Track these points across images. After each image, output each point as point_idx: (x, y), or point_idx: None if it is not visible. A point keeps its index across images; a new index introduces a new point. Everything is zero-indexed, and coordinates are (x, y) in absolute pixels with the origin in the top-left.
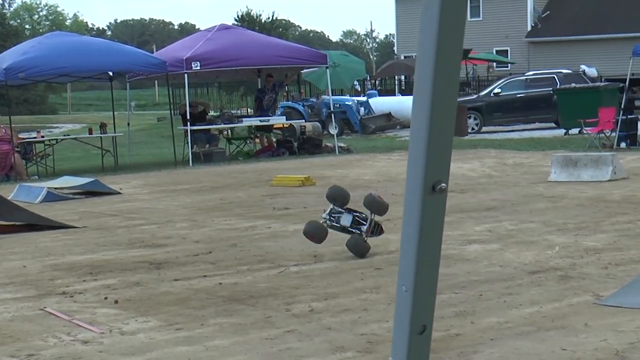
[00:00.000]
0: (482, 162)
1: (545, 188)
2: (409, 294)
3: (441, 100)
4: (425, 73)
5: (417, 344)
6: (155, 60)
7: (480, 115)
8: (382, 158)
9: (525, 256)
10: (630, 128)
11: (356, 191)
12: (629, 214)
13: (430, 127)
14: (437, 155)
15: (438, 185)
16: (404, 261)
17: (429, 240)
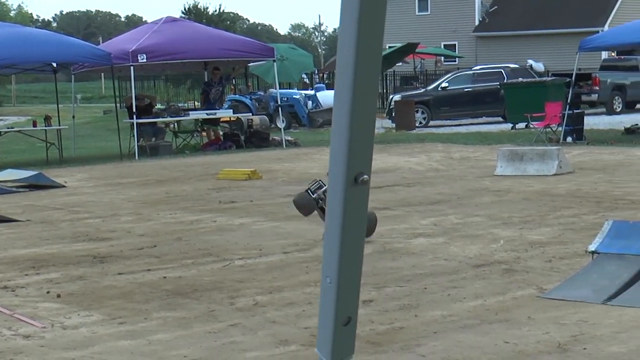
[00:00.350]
0: (429, 156)
1: (491, 182)
2: (333, 286)
3: (362, 93)
4: (346, 65)
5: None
6: (99, 52)
7: (428, 110)
8: (329, 151)
9: (470, 250)
10: (577, 122)
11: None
12: (573, 207)
13: (351, 120)
14: (359, 147)
15: (360, 177)
16: (328, 253)
17: (352, 232)
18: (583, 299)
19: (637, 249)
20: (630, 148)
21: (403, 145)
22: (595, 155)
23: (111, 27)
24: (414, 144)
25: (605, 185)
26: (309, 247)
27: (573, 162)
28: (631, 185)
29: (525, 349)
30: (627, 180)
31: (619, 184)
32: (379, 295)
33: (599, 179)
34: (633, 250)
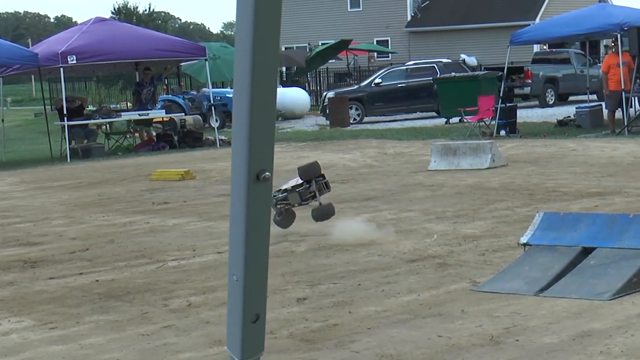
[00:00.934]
0: (363, 153)
1: (425, 177)
2: (240, 284)
3: (260, 90)
4: (244, 63)
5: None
6: (26, 53)
7: (362, 106)
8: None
9: (404, 245)
10: (510, 116)
11: None
12: (506, 200)
13: (251, 117)
14: (260, 145)
15: (262, 174)
16: (233, 251)
17: (256, 229)
18: (515, 291)
19: (568, 240)
20: (563, 140)
21: (337, 142)
22: (528, 148)
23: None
24: (348, 141)
25: (537, 177)
26: None
27: (506, 155)
28: (563, 177)
29: (459, 343)
30: (559, 172)
31: (552, 176)
32: (313, 293)
33: (531, 172)
34: (564, 241)
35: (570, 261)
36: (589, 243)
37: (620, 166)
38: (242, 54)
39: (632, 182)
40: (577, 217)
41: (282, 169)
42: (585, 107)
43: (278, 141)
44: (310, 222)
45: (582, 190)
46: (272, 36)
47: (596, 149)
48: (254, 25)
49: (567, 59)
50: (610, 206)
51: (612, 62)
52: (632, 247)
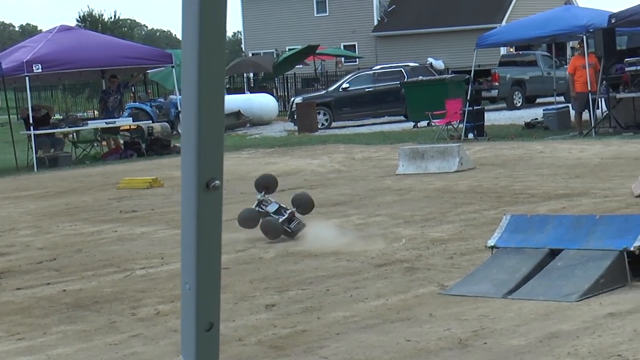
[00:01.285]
0: (331, 158)
1: (393, 181)
2: (193, 292)
3: (208, 98)
4: (190, 72)
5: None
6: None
7: (330, 111)
8: (231, 156)
9: (372, 250)
10: (477, 119)
11: None
12: (474, 203)
13: (199, 126)
14: (209, 153)
15: (212, 182)
16: (185, 260)
17: (207, 238)
18: (483, 294)
19: (535, 242)
20: (530, 142)
21: (305, 147)
22: (496, 150)
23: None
24: (316, 146)
25: (505, 180)
26: None
27: (474, 158)
28: (531, 179)
29: (427, 346)
30: (527, 174)
31: (519, 178)
32: (282, 299)
33: (499, 174)
34: (531, 243)
35: (537, 263)
36: (556, 245)
37: (588, 167)
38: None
39: (599, 182)
40: (543, 219)
41: (250, 175)
42: (552, 109)
43: (246, 147)
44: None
45: (549, 192)
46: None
47: (563, 150)
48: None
49: (534, 61)
50: (577, 207)
51: (578, 64)
52: (599, 248)
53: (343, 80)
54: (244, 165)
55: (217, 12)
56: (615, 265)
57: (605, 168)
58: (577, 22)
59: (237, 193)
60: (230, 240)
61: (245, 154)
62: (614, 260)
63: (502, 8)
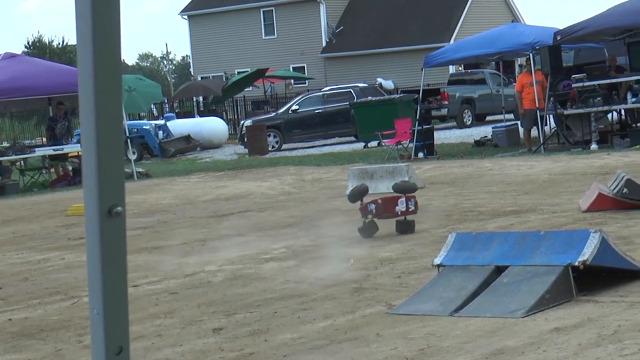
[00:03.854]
0: (281, 180)
1: (342, 202)
2: (101, 317)
3: (106, 126)
4: (87, 103)
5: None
6: None
7: (280, 133)
8: (181, 181)
9: (321, 271)
10: (427, 138)
11: (154, 216)
12: (423, 222)
13: (98, 152)
14: (109, 180)
15: (114, 209)
16: (92, 285)
17: (112, 263)
18: (430, 312)
19: (480, 260)
20: (480, 160)
21: (255, 170)
22: (445, 169)
23: None
24: (267, 169)
25: (454, 198)
26: (160, 279)
27: (424, 177)
28: (480, 196)
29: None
30: (476, 192)
31: (468, 196)
32: (229, 323)
33: (448, 193)
34: (476, 261)
35: (483, 280)
36: (502, 261)
37: (536, 183)
38: (84, 94)
39: (547, 199)
40: (489, 236)
41: (201, 199)
42: (501, 126)
43: (196, 171)
44: (231, 251)
45: (498, 209)
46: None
47: (513, 167)
48: (94, 58)
49: (483, 79)
50: (525, 224)
51: (525, 81)
52: (544, 264)
53: (293, 102)
54: (193, 190)
55: (111, 33)
56: (560, 280)
57: (554, 184)
58: (524, 40)
59: (187, 217)
60: (179, 265)
61: (195, 178)
62: (559, 275)
63: (450, 27)
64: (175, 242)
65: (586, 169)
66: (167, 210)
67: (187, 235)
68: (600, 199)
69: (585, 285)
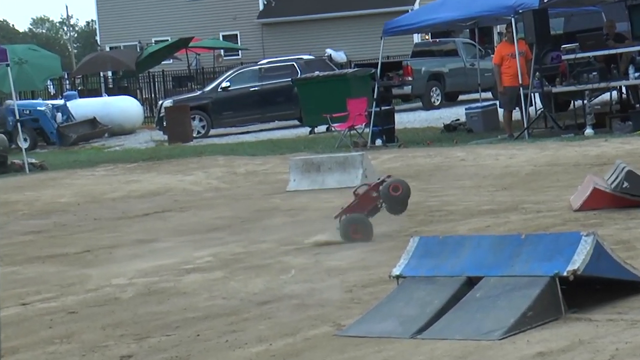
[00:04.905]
0: (208, 173)
1: (283, 199)
2: None
3: None
4: None
5: None
6: None
7: (207, 116)
8: (84, 174)
9: (254, 284)
10: (386, 122)
11: (49, 218)
12: (381, 224)
13: None
14: None
15: None
16: None
17: None
18: (388, 334)
19: (449, 269)
20: (450, 148)
21: (176, 161)
22: (408, 159)
23: None
24: (190, 159)
25: (419, 195)
26: (55, 296)
27: (381, 170)
28: (449, 192)
29: None
30: (445, 187)
31: (435, 192)
32: (141, 349)
33: (412, 188)
34: (444, 270)
35: (452, 294)
36: (474, 271)
37: (518, 177)
38: None
39: (530, 195)
40: (459, 240)
41: (108, 197)
42: (476, 107)
43: (103, 163)
44: (145, 260)
45: (471, 208)
46: None
47: (490, 157)
48: None
49: (454, 50)
50: (504, 225)
51: (505, 53)
52: (526, 274)
53: (223, 77)
54: (99, 185)
55: None
56: (545, 294)
57: (539, 177)
58: (504, 2)
59: (90, 219)
60: (80, 278)
61: (101, 170)
62: (543, 288)
63: None
64: (76, 249)
65: (579, 159)
66: (66, 211)
67: (91, 241)
68: (595, 195)
69: (575, 300)
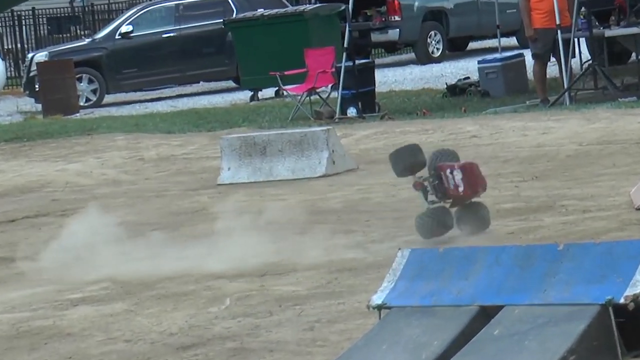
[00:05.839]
0: (102, 159)
1: (212, 197)
2: None
3: None
4: None
5: None
6: None
7: (100, 75)
8: None
9: (172, 320)
10: (363, 82)
11: None
12: (355, 231)
13: None
14: None
15: None
16: None
17: None
18: None
19: (453, 296)
20: (456, 120)
21: (56, 142)
22: (395, 136)
23: None
24: (76, 139)
25: (409, 188)
26: None
27: (356, 152)
28: None
29: None
30: None
31: None
32: None
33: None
34: (446, 297)
35: (459, 332)
36: (491, 299)
37: (555, 161)
38: None
39: (574, 187)
40: (468, 254)
41: None
42: (494, 60)
43: None
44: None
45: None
46: None
47: (514, 132)
48: None
49: None
50: (535, 231)
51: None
52: (565, 302)
53: (122, 19)
54: None
55: None
56: (593, 330)
57: (586, 161)
58: None
59: None
60: None
61: None
62: (591, 322)
63: None
64: None
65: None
66: None
67: None
68: None
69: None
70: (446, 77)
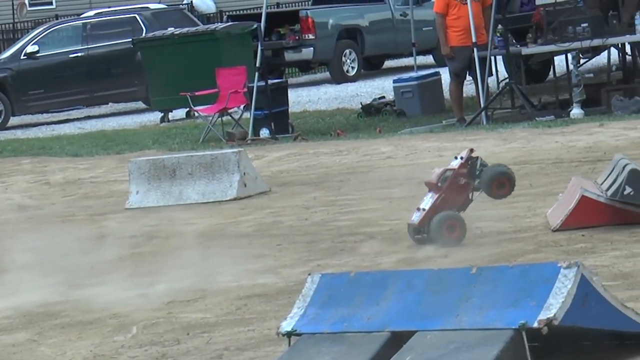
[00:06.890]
0: (6, 183)
1: (120, 222)
2: None
3: None
4: None
5: None
6: None
7: (5, 97)
8: None
9: (76, 349)
10: (276, 102)
11: None
12: (267, 256)
13: None
14: None
15: None
16: None
17: None
18: None
19: (364, 322)
20: (371, 141)
21: None
22: (309, 158)
23: None
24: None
25: (324, 211)
26: None
27: (268, 175)
28: (369, 206)
29: None
30: (363, 198)
31: (348, 206)
32: None
33: (313, 201)
34: (357, 324)
35: (370, 359)
36: (402, 324)
37: None
38: None
39: (488, 208)
40: (380, 279)
41: None
42: (410, 79)
43: None
44: None
45: (401, 230)
46: None
47: (430, 153)
48: None
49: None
50: (450, 255)
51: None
52: (478, 327)
53: (27, 38)
54: None
55: None
56: (506, 355)
57: None
58: None
59: None
60: None
61: None
62: (504, 346)
63: None
64: None
65: (561, 154)
66: None
67: None
68: (584, 206)
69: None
70: (361, 97)
